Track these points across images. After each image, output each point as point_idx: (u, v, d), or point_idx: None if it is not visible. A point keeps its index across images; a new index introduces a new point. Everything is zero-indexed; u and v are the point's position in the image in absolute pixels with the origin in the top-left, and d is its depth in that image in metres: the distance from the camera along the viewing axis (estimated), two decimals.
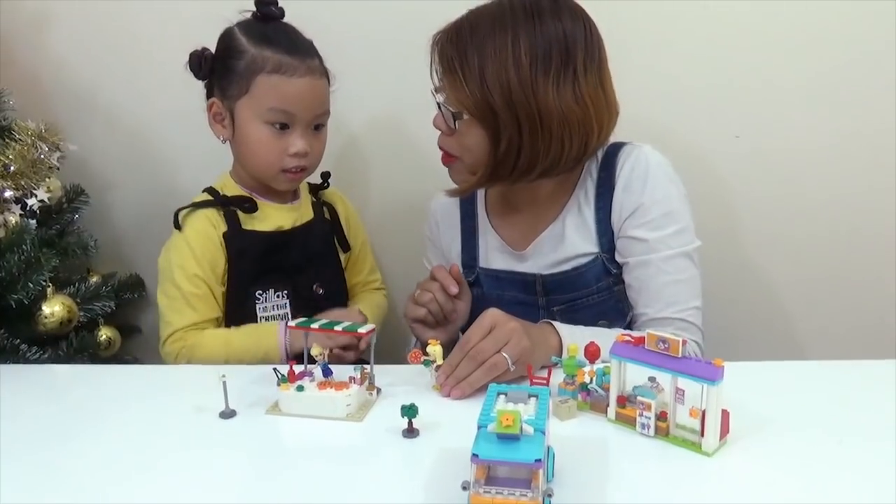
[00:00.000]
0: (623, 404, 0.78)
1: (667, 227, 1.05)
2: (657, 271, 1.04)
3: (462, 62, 0.98)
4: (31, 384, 0.98)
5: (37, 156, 1.20)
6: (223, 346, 1.11)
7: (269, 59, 1.09)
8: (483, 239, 1.19)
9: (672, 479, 0.69)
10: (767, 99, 1.39)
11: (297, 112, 1.11)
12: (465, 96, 0.98)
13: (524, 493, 0.57)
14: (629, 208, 1.06)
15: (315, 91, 1.13)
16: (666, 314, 1.04)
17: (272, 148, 1.12)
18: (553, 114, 0.97)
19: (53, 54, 1.49)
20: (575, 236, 1.10)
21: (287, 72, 1.09)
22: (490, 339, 0.86)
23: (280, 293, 1.19)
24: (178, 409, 0.85)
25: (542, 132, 0.98)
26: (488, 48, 0.96)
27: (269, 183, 1.17)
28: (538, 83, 0.96)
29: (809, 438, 0.74)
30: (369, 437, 0.78)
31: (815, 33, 1.35)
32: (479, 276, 1.17)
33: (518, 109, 0.96)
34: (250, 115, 1.11)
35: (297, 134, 1.12)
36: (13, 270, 1.17)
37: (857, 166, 1.40)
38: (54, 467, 0.74)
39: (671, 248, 1.04)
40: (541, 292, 1.12)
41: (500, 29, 0.97)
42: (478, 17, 1.00)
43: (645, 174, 1.05)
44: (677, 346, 0.72)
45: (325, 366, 0.86)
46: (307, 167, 1.17)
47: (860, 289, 1.47)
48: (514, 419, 0.57)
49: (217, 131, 1.17)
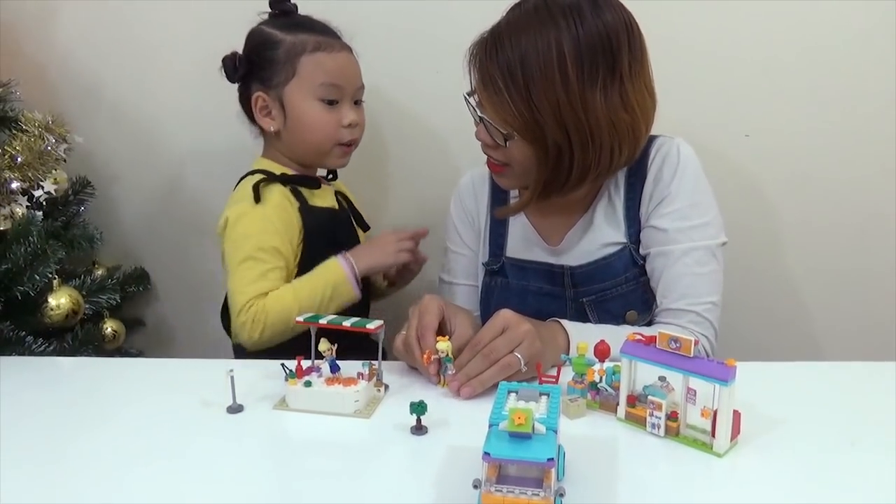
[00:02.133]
0: (633, 403, 0.78)
1: (691, 219, 1.04)
2: (675, 262, 1.03)
3: (507, 82, 0.94)
4: (36, 376, 0.98)
5: (44, 147, 1.20)
6: (293, 300, 1.09)
7: (308, 41, 1.15)
8: (515, 228, 1.16)
9: (683, 479, 0.68)
10: (778, 98, 1.38)
11: (343, 84, 1.17)
12: (512, 117, 0.95)
13: (536, 493, 0.57)
14: (657, 198, 1.05)
15: (354, 64, 1.20)
16: (680, 305, 1.03)
17: (328, 122, 1.17)
18: (603, 125, 0.95)
19: (60, 46, 1.49)
20: (604, 225, 1.09)
21: (327, 48, 1.15)
22: (503, 338, 0.86)
23: None
24: (185, 403, 0.85)
25: (593, 144, 0.96)
26: (533, 64, 0.92)
27: (323, 160, 1.23)
28: (587, 96, 0.93)
29: (821, 440, 0.73)
30: (377, 433, 0.78)
31: (826, 32, 1.34)
32: (504, 266, 1.16)
33: (568, 125, 0.94)
34: (302, 96, 1.16)
35: (347, 106, 1.19)
36: (20, 262, 1.16)
37: (868, 165, 1.40)
38: (59, 460, 0.74)
39: (692, 241, 1.03)
40: (568, 284, 1.10)
41: (543, 39, 0.92)
42: (516, 28, 0.95)
43: (675, 165, 1.05)
44: (689, 345, 0.71)
45: (333, 361, 0.86)
46: (357, 139, 1.22)
47: (871, 288, 1.46)
48: (527, 417, 0.57)
49: (265, 124, 1.19)
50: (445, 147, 1.49)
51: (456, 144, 1.48)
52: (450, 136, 1.48)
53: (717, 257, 1.05)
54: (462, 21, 1.36)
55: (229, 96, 1.23)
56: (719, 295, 1.05)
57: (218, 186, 1.29)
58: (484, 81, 0.97)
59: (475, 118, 1.02)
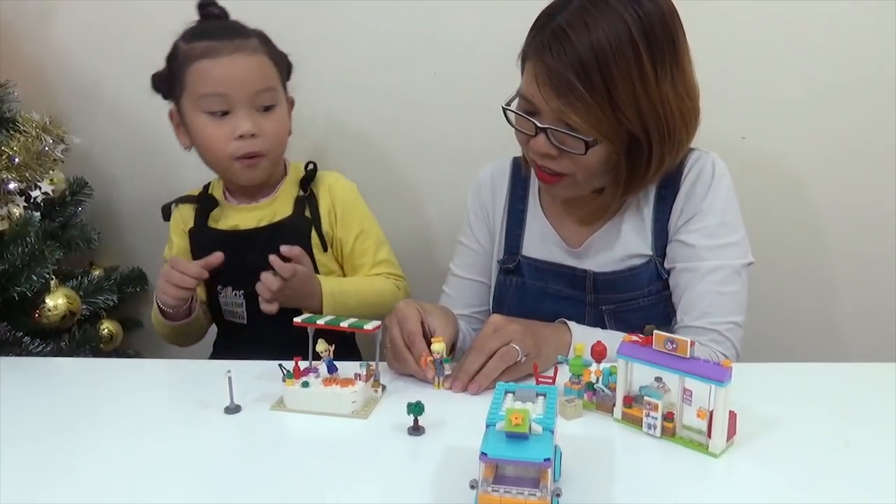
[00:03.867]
0: (629, 404, 0.78)
1: (720, 237, 1.02)
2: (701, 279, 1.02)
3: (585, 83, 0.88)
4: (33, 377, 0.98)
5: (41, 148, 1.20)
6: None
7: (195, 49, 1.07)
8: (532, 227, 1.14)
9: (679, 479, 0.68)
10: (774, 100, 1.39)
11: (230, 92, 1.06)
12: (597, 121, 0.89)
13: (533, 493, 0.57)
14: (687, 214, 1.04)
15: (248, 68, 1.08)
16: (701, 323, 1.01)
17: (216, 136, 1.08)
18: (675, 114, 0.93)
19: (58, 46, 1.49)
20: (631, 236, 1.07)
21: (211, 54, 1.06)
22: (494, 336, 0.87)
23: (237, 292, 1.19)
24: (183, 403, 0.85)
25: (669, 136, 0.93)
26: (609, 58, 0.87)
27: (229, 177, 1.15)
28: (660, 85, 0.90)
29: (817, 440, 0.74)
30: (375, 434, 0.78)
31: (822, 34, 1.35)
32: (520, 265, 1.13)
33: (646, 119, 0.91)
34: (192, 110, 1.09)
35: (240, 116, 1.08)
36: (17, 262, 1.17)
37: (864, 168, 1.40)
38: (56, 461, 0.74)
39: (719, 259, 1.02)
40: (590, 289, 1.08)
41: (612, 30, 0.87)
42: (580, 23, 0.88)
43: (709, 182, 1.03)
44: (685, 346, 0.72)
45: (331, 362, 0.86)
46: (260, 151, 1.10)
47: (868, 289, 1.47)
48: (524, 418, 0.57)
49: (180, 140, 1.16)
50: (444, 149, 1.49)
51: (454, 146, 1.48)
52: (447, 137, 1.48)
53: (743, 277, 1.03)
54: (460, 22, 1.38)
55: None
56: (743, 315, 1.03)
57: None
58: (558, 87, 0.89)
59: (528, 129, 0.96)
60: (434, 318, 0.93)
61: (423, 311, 0.93)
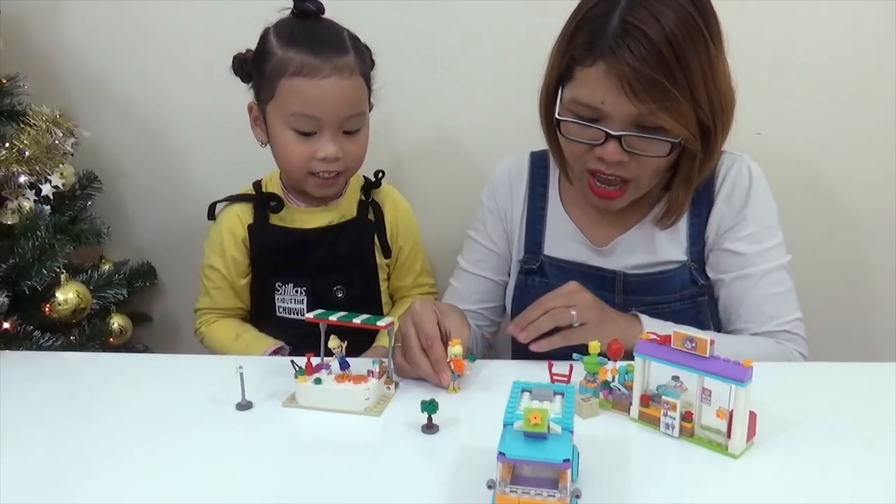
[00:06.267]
0: (646, 403, 0.77)
1: (766, 240, 1.02)
2: (756, 285, 1.01)
3: (672, 82, 0.84)
4: (43, 371, 0.97)
5: (51, 141, 1.19)
6: (228, 340, 1.19)
7: (291, 61, 1.04)
8: (554, 225, 1.11)
9: (698, 480, 0.67)
10: (789, 96, 1.37)
11: (322, 116, 1.06)
12: (686, 120, 0.86)
13: (552, 494, 0.56)
14: (729, 221, 1.02)
15: (343, 92, 1.06)
16: (769, 328, 1.01)
17: (299, 153, 1.08)
18: (729, 97, 0.90)
19: (68, 40, 1.48)
20: (665, 241, 1.04)
21: (309, 73, 1.03)
22: (559, 296, 0.90)
23: (298, 289, 1.19)
24: (194, 399, 0.84)
25: (727, 121, 0.91)
26: (686, 50, 0.83)
27: (301, 186, 1.15)
28: (721, 68, 0.88)
29: (838, 442, 0.72)
30: (388, 431, 0.77)
31: (837, 29, 1.33)
32: (542, 265, 1.10)
33: (714, 107, 0.89)
34: (277, 120, 1.08)
35: (325, 138, 1.07)
36: (27, 256, 1.16)
37: (880, 163, 1.39)
38: (64, 455, 0.73)
39: (769, 262, 1.02)
40: (619, 290, 1.05)
41: (679, 17, 0.83)
42: (649, 13, 0.84)
43: (748, 186, 1.02)
44: (704, 345, 0.70)
45: (343, 359, 0.85)
46: (341, 172, 1.12)
47: (879, 287, 1.45)
48: (543, 417, 0.56)
49: (256, 135, 1.16)
50: (455, 143, 1.48)
51: (465, 140, 1.47)
52: (459, 132, 1.47)
53: (790, 274, 1.04)
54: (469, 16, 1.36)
55: (237, 92, 1.21)
56: (800, 310, 1.04)
57: (225, 181, 1.28)
58: (647, 89, 0.84)
59: (594, 137, 0.91)
60: (450, 320, 0.90)
61: (440, 313, 0.89)
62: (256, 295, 1.23)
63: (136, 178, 1.58)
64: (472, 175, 1.48)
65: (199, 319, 1.25)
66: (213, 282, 1.22)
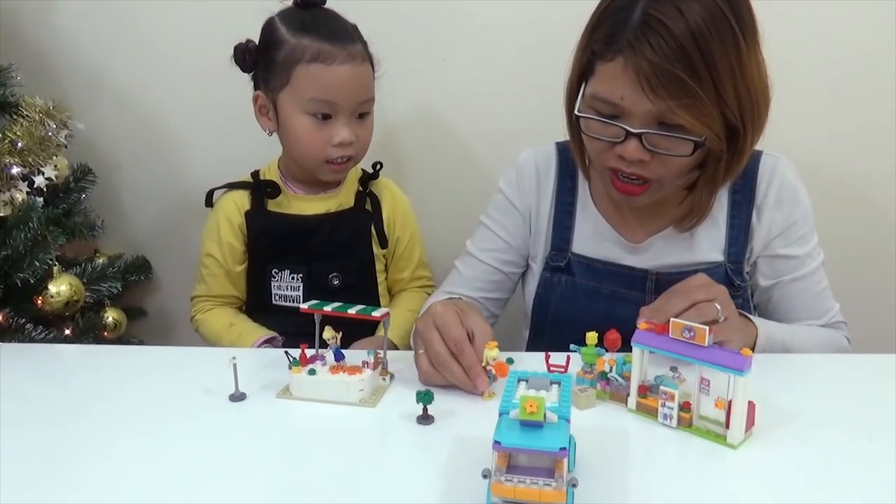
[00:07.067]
0: (644, 394, 0.76)
1: (811, 240, 1.05)
2: (810, 283, 1.04)
3: (696, 79, 0.80)
4: (35, 364, 0.96)
5: (44, 133, 1.19)
6: (221, 330, 1.19)
7: (307, 48, 1.06)
8: (583, 222, 1.07)
9: (696, 471, 0.67)
10: (787, 94, 1.35)
11: (338, 101, 1.09)
12: (710, 118, 0.83)
13: (548, 483, 0.55)
14: (779, 226, 1.02)
15: (357, 78, 1.09)
16: (825, 321, 1.05)
17: (316, 139, 1.10)
18: (761, 96, 0.87)
19: (62, 30, 1.47)
20: (704, 241, 1.02)
21: (326, 60, 1.06)
22: (702, 288, 0.83)
23: (295, 276, 1.19)
24: (187, 391, 0.83)
25: (759, 121, 0.88)
26: (712, 45, 0.80)
27: (314, 174, 1.16)
28: (752, 65, 0.84)
29: (838, 434, 0.72)
30: (383, 422, 0.77)
31: (836, 27, 1.33)
32: (570, 262, 1.07)
33: (744, 107, 0.85)
34: (292, 107, 1.10)
35: (340, 123, 1.10)
36: (20, 248, 1.15)
37: (878, 160, 1.38)
38: (58, 448, 0.72)
39: (816, 260, 1.05)
40: (651, 290, 1.02)
41: (706, 11, 0.80)
42: (673, 6, 0.80)
43: (793, 190, 1.02)
44: (703, 334, 0.70)
45: (338, 350, 0.84)
46: (353, 156, 1.14)
47: (877, 284, 1.45)
48: (539, 406, 0.55)
49: (263, 124, 1.16)
50: (454, 137, 1.47)
51: (464, 134, 1.46)
52: (458, 126, 1.46)
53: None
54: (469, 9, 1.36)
55: (234, 84, 1.21)
56: None
57: (221, 174, 1.27)
58: (668, 86, 0.81)
59: (615, 135, 0.88)
60: (471, 319, 0.83)
61: (462, 314, 0.83)
62: (253, 283, 1.23)
63: (131, 172, 1.57)
64: (471, 169, 1.48)
65: (195, 307, 1.25)
66: (209, 269, 1.22)
